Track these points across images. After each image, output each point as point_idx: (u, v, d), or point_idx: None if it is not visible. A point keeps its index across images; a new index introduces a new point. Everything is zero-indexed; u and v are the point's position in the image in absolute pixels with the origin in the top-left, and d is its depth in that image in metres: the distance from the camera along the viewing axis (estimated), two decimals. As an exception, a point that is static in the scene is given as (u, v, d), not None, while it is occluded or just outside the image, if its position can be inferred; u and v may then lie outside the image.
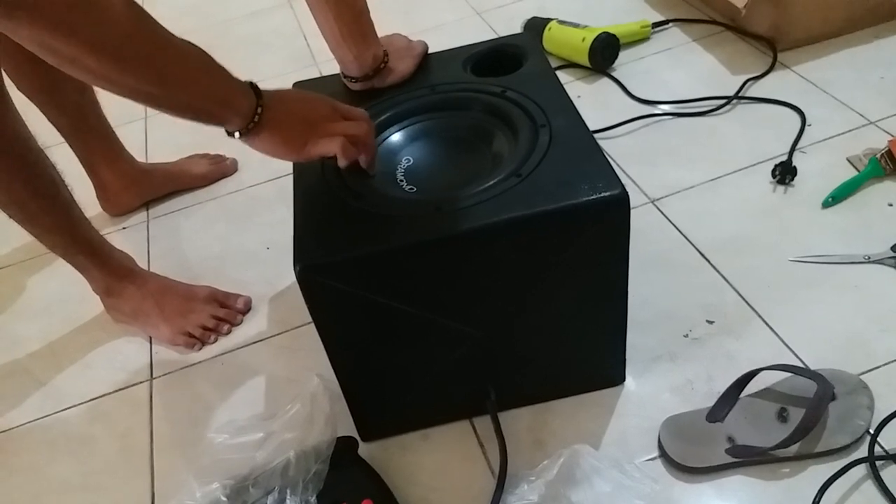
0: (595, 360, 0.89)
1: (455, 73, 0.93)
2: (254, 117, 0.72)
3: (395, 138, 0.87)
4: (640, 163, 1.24)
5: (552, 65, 0.93)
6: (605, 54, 1.46)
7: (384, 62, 0.92)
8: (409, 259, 0.73)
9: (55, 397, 1.07)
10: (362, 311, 0.77)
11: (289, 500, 0.79)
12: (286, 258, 0.73)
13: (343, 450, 0.85)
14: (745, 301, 0.99)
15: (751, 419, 0.83)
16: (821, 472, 0.79)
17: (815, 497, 0.77)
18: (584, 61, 1.46)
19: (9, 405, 1.07)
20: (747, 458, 0.80)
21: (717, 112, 1.32)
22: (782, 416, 0.83)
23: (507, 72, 0.90)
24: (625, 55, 1.50)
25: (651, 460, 0.84)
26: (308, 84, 0.98)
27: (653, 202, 1.16)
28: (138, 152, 1.43)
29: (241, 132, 0.73)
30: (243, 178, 1.42)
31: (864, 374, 0.87)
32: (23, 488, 0.96)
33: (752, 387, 0.85)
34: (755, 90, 1.35)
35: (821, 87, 1.32)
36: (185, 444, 0.96)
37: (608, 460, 0.79)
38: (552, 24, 1.52)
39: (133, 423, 1.01)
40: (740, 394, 0.85)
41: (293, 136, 0.76)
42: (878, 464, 0.78)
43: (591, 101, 1.41)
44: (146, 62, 0.65)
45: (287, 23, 1.89)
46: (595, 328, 0.85)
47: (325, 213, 0.77)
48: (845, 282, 0.99)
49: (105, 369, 1.10)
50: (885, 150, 1.11)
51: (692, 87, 1.38)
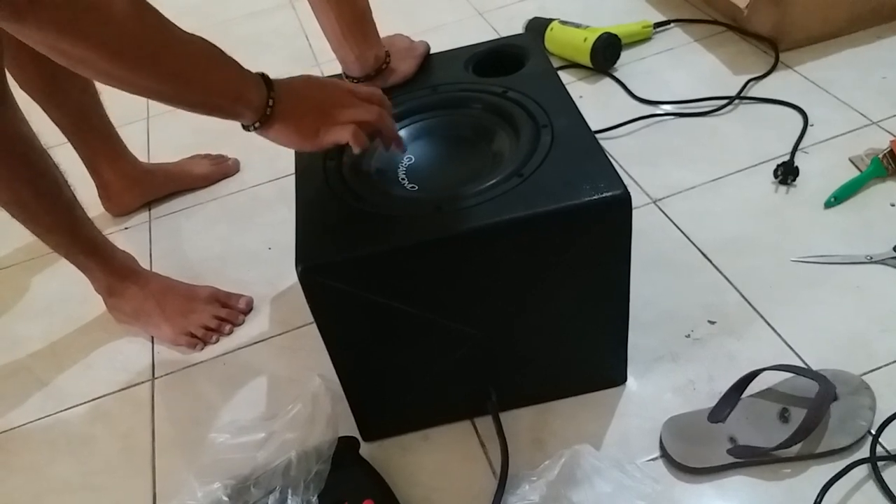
0: (596, 360, 0.89)
1: (457, 74, 0.93)
2: (266, 110, 0.71)
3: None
4: (641, 163, 1.24)
5: (554, 65, 0.93)
6: (606, 54, 1.46)
7: (386, 62, 0.92)
8: (410, 259, 0.73)
9: (57, 397, 1.07)
10: (364, 311, 0.77)
11: (290, 500, 0.79)
12: (288, 258, 0.73)
13: (344, 450, 0.85)
14: (747, 301, 0.99)
15: (752, 419, 0.83)
16: (822, 472, 0.79)
17: (817, 497, 0.77)
18: (586, 61, 1.46)
19: (10, 405, 1.07)
20: (749, 458, 0.80)
21: (719, 112, 1.32)
22: (784, 417, 0.83)
23: (508, 72, 0.90)
24: (626, 55, 1.50)
25: (652, 460, 0.84)
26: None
27: (655, 202, 1.16)
28: (140, 152, 1.43)
29: (255, 125, 0.72)
30: (245, 178, 1.42)
31: (865, 374, 0.87)
32: (24, 488, 0.96)
33: (754, 387, 0.85)
34: (757, 90, 1.35)
35: (823, 87, 1.32)
36: (186, 444, 0.97)
37: (609, 460, 0.79)
38: (554, 24, 1.52)
39: (134, 423, 1.01)
40: (742, 394, 0.85)
41: (305, 126, 0.75)
42: (880, 464, 0.78)
43: (592, 102, 1.41)
44: (154, 61, 0.64)
45: (288, 23, 1.89)
46: (596, 328, 0.85)
47: (327, 214, 0.77)
48: (847, 282, 0.99)
49: (107, 369, 1.10)
50: (888, 150, 1.11)
51: (694, 88, 1.38)
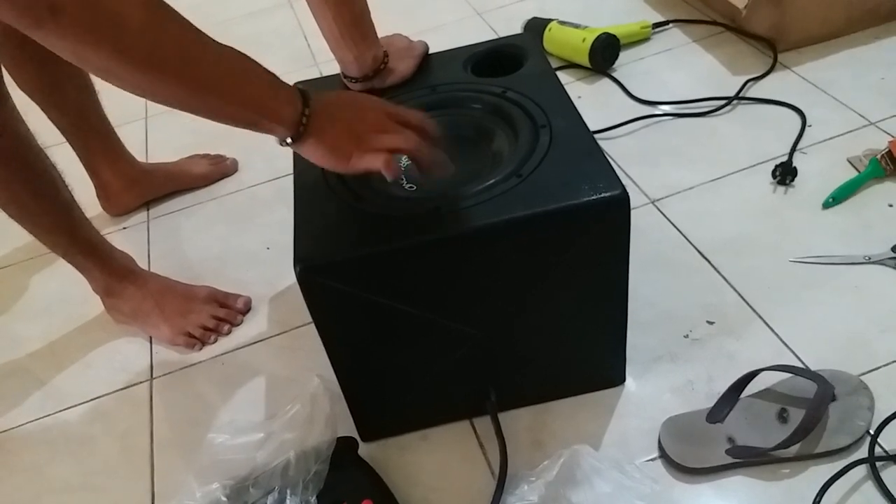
0: (595, 360, 0.89)
1: (455, 74, 0.93)
2: (299, 127, 0.68)
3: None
4: (640, 163, 1.24)
5: (552, 65, 0.93)
6: (605, 55, 1.46)
7: (384, 63, 0.92)
8: (409, 259, 0.73)
9: (55, 397, 1.07)
10: (362, 311, 0.77)
11: (289, 501, 0.79)
12: (286, 258, 0.73)
13: (343, 450, 0.85)
14: (746, 301, 0.99)
15: (751, 420, 0.83)
16: (821, 472, 0.79)
17: (816, 498, 0.77)
18: (585, 62, 1.46)
19: (9, 405, 1.07)
20: (747, 458, 0.80)
21: (718, 113, 1.32)
22: (782, 417, 0.83)
23: (507, 72, 0.90)
24: (625, 56, 1.50)
25: (651, 461, 0.84)
26: (308, 84, 0.98)
27: (653, 202, 1.16)
28: (139, 152, 1.43)
29: (287, 140, 0.70)
30: (244, 178, 1.42)
31: (864, 374, 0.87)
32: (23, 488, 0.96)
33: (753, 387, 0.85)
34: (755, 91, 1.35)
35: (821, 87, 1.32)
36: (185, 444, 0.96)
37: (608, 461, 0.79)
38: (552, 24, 1.52)
39: (133, 424, 1.01)
40: (740, 394, 0.85)
41: (338, 148, 0.71)
42: (879, 465, 0.78)
43: (591, 102, 1.41)
44: (178, 71, 0.62)
45: (287, 23, 1.89)
46: (595, 329, 0.85)
47: (326, 214, 0.77)
48: (846, 282, 0.99)
49: (105, 369, 1.10)
50: (886, 150, 1.11)
51: (692, 88, 1.38)
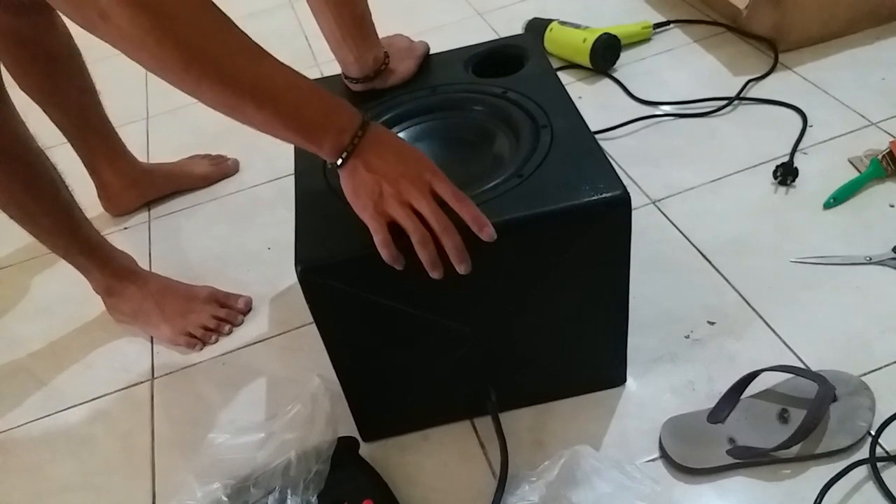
0: (596, 360, 0.89)
1: (456, 74, 0.93)
2: (337, 158, 0.68)
3: (396, 139, 0.87)
4: (641, 164, 1.24)
5: (553, 66, 0.93)
6: (606, 55, 1.46)
7: (385, 63, 0.92)
8: (410, 260, 0.73)
9: (56, 397, 1.07)
10: (363, 311, 0.77)
11: (289, 501, 0.79)
12: (287, 258, 0.73)
13: (344, 450, 0.85)
14: (747, 302, 0.99)
15: (752, 420, 0.83)
16: (822, 473, 0.79)
17: (816, 498, 0.77)
18: (586, 62, 1.46)
19: (10, 405, 1.07)
20: (748, 459, 0.80)
21: (719, 113, 1.32)
22: (783, 417, 0.83)
23: (508, 73, 0.91)
24: (626, 56, 1.50)
25: (652, 461, 0.84)
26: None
27: (654, 203, 1.16)
28: (140, 152, 1.43)
29: (334, 163, 0.69)
30: (244, 178, 1.42)
31: (865, 375, 0.87)
32: (23, 488, 0.96)
33: (753, 388, 0.85)
34: (756, 91, 1.35)
35: (822, 88, 1.32)
36: (185, 444, 0.96)
37: (609, 461, 0.79)
38: (553, 24, 1.52)
39: (134, 424, 1.01)
40: (741, 395, 0.85)
41: (361, 195, 0.70)
42: (880, 465, 0.78)
43: (592, 102, 1.41)
44: (226, 79, 0.62)
45: (288, 23, 1.89)
46: (596, 329, 0.85)
47: (327, 214, 0.76)
48: (846, 283, 0.99)
49: (106, 369, 1.10)
50: (887, 151, 1.11)
51: (693, 88, 1.38)
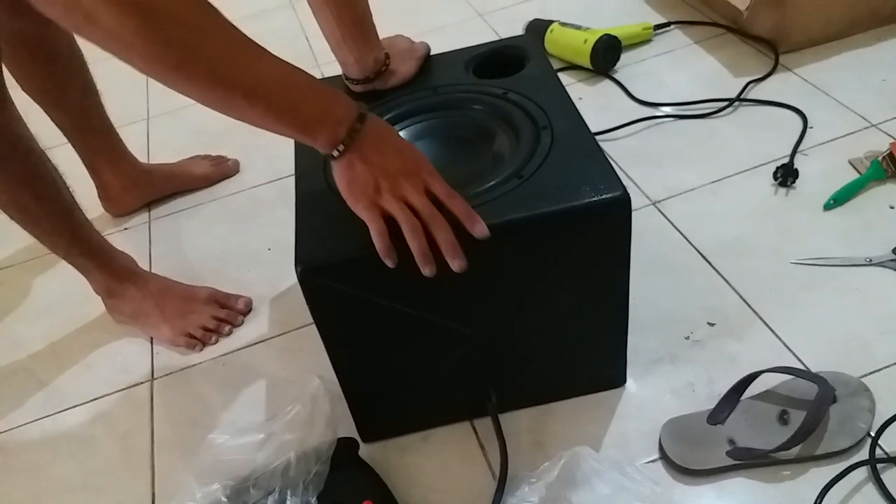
0: (596, 361, 0.89)
1: (457, 75, 0.93)
2: (332, 150, 0.68)
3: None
4: (641, 165, 1.24)
5: (554, 67, 0.93)
6: (606, 56, 1.46)
7: (386, 64, 0.92)
8: (409, 260, 0.73)
9: (56, 398, 1.07)
10: (363, 312, 0.77)
11: (289, 501, 0.79)
12: (287, 259, 0.73)
13: (343, 451, 0.85)
14: (747, 303, 0.99)
15: (751, 421, 0.83)
16: (821, 474, 0.79)
17: (816, 499, 0.77)
18: (586, 63, 1.47)
19: (10, 405, 1.07)
20: (748, 460, 0.80)
21: (719, 114, 1.32)
22: (783, 419, 0.83)
23: (508, 73, 0.91)
24: (626, 57, 1.50)
25: (651, 462, 0.84)
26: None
27: (654, 204, 1.16)
28: (140, 153, 1.43)
29: (331, 154, 0.69)
30: (245, 179, 1.42)
31: (864, 376, 0.87)
32: (23, 488, 0.96)
33: (753, 389, 0.85)
34: (757, 92, 1.35)
35: (822, 89, 1.32)
36: (185, 444, 0.96)
37: (609, 462, 0.79)
38: (554, 25, 1.52)
39: (134, 424, 1.01)
40: (741, 396, 0.85)
41: (355, 189, 0.70)
42: (879, 466, 0.78)
43: (592, 103, 1.41)
44: (216, 78, 0.63)
45: (289, 24, 1.89)
46: (596, 330, 0.85)
47: (327, 214, 0.76)
48: (846, 284, 0.99)
49: (106, 370, 1.10)
50: (887, 152, 1.11)
51: (694, 90, 1.38)
